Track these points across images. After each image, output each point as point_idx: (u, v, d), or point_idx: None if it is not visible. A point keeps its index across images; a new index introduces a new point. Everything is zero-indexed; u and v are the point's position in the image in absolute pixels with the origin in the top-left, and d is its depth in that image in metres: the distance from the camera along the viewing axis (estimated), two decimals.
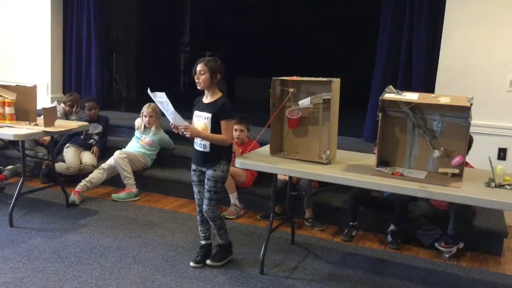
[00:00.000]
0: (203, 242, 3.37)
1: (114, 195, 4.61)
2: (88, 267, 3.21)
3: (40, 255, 3.35)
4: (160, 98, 2.92)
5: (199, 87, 3.13)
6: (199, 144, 3.14)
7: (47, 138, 4.98)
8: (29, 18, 6.50)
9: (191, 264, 3.29)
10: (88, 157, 5.04)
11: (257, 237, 3.86)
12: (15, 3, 6.52)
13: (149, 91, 2.92)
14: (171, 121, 3.05)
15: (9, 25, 6.62)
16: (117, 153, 4.75)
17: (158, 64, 9.18)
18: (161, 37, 9.11)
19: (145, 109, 4.96)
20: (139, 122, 5.04)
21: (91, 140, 5.20)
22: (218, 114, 3.06)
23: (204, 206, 3.20)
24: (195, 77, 3.11)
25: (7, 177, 4.81)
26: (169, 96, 2.93)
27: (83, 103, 5.32)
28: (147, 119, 4.95)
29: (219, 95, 3.14)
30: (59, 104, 5.37)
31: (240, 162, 3.16)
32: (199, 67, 3.09)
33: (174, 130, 3.07)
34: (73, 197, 4.41)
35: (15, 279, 2.99)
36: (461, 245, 3.64)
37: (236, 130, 4.35)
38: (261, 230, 3.99)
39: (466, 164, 3.49)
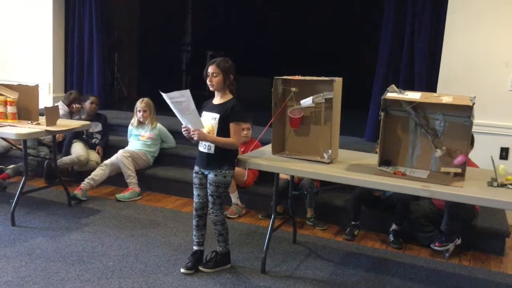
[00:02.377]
0: (195, 248, 3.29)
1: (118, 195, 4.60)
2: (90, 266, 3.21)
3: (42, 254, 3.36)
4: (181, 98, 2.81)
5: (211, 89, 3.09)
6: (204, 145, 3.10)
7: (61, 135, 4.99)
8: (31, 17, 6.50)
9: (182, 270, 3.19)
10: (92, 155, 5.07)
11: (259, 236, 3.86)
12: (17, 2, 6.53)
13: (161, 92, 2.82)
14: (185, 124, 2.97)
15: (11, 25, 6.63)
16: (120, 152, 4.76)
17: (160, 63, 9.18)
18: (163, 36, 9.11)
19: (139, 104, 5.00)
20: (133, 119, 5.10)
21: (94, 139, 5.21)
22: (228, 115, 3.02)
23: (209, 209, 3.19)
24: (207, 80, 3.06)
25: (9, 176, 4.82)
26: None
27: (87, 96, 5.36)
28: (141, 113, 4.97)
29: (229, 96, 3.11)
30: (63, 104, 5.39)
31: (242, 162, 3.16)
32: (211, 69, 3.03)
33: (185, 134, 3.01)
34: (76, 191, 4.43)
35: (17, 278, 3.00)
36: (458, 241, 3.62)
37: (243, 129, 4.29)
38: (262, 230, 3.99)
39: (471, 163, 3.50)
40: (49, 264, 3.21)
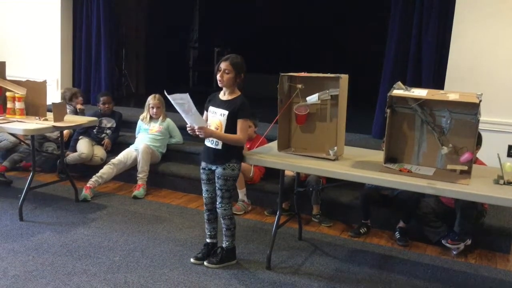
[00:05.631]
0: (208, 240, 3.36)
1: (136, 193, 4.59)
2: (96, 260, 3.24)
3: (49, 249, 3.39)
4: (181, 100, 2.84)
5: (220, 85, 3.09)
6: (211, 141, 3.11)
7: (66, 133, 5.01)
8: (39, 13, 6.54)
9: (191, 260, 3.27)
10: (98, 150, 5.08)
11: (265, 233, 3.87)
12: None
13: (166, 93, 2.85)
14: (189, 124, 3.00)
15: (19, 21, 6.67)
16: (143, 146, 4.78)
17: (167, 60, 9.20)
18: (170, 32, 9.13)
19: (152, 100, 5.01)
20: (143, 114, 5.11)
21: (103, 135, 5.23)
22: (236, 112, 3.04)
23: (217, 203, 3.20)
24: (218, 75, 3.05)
25: (7, 168, 4.84)
26: (178, 92, 2.85)
27: (98, 97, 5.38)
28: (154, 110, 4.99)
29: (237, 93, 3.11)
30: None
31: (247, 158, 3.17)
32: (223, 65, 3.03)
33: (190, 132, 3.03)
34: (85, 193, 4.43)
35: (24, 272, 3.03)
36: (469, 241, 3.62)
37: None
38: (268, 226, 3.99)
39: (477, 161, 3.49)
40: (56, 259, 3.24)
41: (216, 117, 3.10)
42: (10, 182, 4.77)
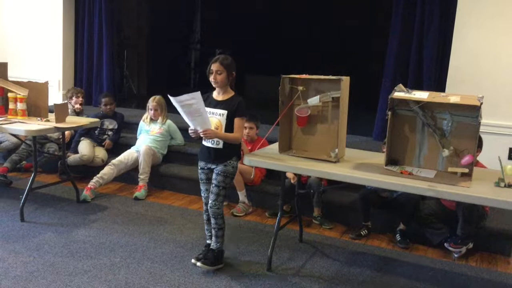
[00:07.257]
0: (208, 242, 3.36)
1: (137, 194, 4.59)
2: (97, 262, 3.24)
3: (50, 250, 3.39)
4: (193, 100, 2.84)
5: (215, 86, 3.13)
6: (212, 141, 3.13)
7: (68, 134, 5.01)
8: (41, 14, 6.56)
9: (192, 260, 3.27)
10: (100, 152, 5.10)
11: (265, 234, 3.87)
12: (28, 0, 6.58)
13: (169, 96, 2.84)
14: (193, 126, 3.01)
15: (21, 22, 6.69)
16: (146, 147, 4.80)
17: (168, 61, 9.22)
18: (172, 34, 9.15)
19: (151, 102, 5.06)
20: (145, 115, 5.16)
21: (105, 136, 5.24)
22: (234, 111, 3.08)
23: (210, 202, 3.20)
24: (210, 77, 3.10)
25: (9, 169, 4.85)
26: (180, 93, 2.84)
27: (100, 98, 5.39)
28: (152, 112, 5.03)
29: (232, 93, 3.15)
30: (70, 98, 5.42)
31: (248, 160, 3.17)
32: (214, 67, 3.07)
33: (193, 136, 3.05)
34: (85, 194, 4.44)
35: (25, 273, 3.03)
36: (471, 245, 3.62)
37: (245, 127, 4.34)
38: (269, 228, 3.99)
39: (478, 163, 3.49)
40: (57, 259, 3.24)
41: (214, 117, 3.12)
42: (10, 183, 4.78)
